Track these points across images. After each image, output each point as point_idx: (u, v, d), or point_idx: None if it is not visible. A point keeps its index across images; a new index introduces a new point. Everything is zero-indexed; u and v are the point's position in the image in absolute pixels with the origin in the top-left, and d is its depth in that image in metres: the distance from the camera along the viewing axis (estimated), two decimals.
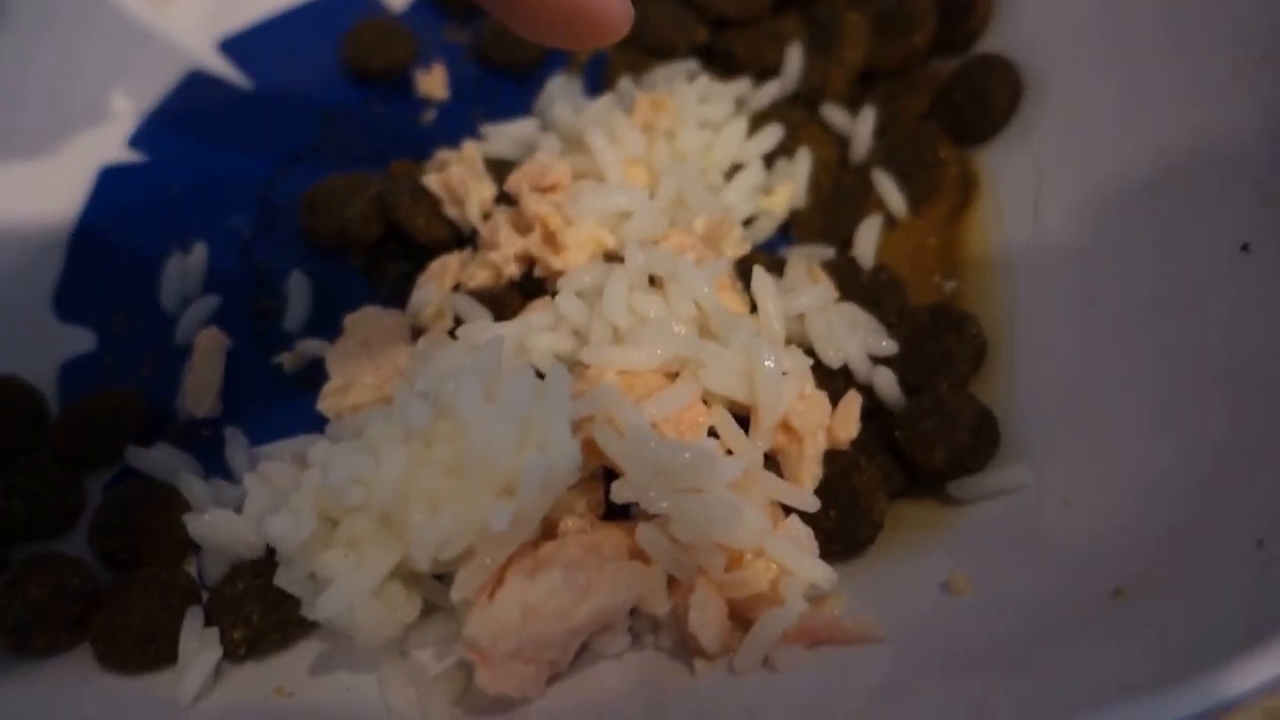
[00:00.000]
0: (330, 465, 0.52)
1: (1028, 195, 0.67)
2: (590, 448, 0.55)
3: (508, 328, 0.63)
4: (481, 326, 0.63)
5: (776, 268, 0.67)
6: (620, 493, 0.54)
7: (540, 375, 0.56)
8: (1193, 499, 0.49)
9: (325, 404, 0.66)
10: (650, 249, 0.63)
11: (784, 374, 0.59)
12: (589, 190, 0.66)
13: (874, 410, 0.63)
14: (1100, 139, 0.64)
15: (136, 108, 0.83)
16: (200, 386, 0.69)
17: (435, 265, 0.69)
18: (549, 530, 0.56)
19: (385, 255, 0.74)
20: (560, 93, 0.79)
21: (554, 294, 0.64)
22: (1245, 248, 0.53)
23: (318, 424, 0.65)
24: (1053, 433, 0.59)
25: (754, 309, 0.63)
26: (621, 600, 0.54)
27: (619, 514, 0.58)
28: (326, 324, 0.71)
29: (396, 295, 0.71)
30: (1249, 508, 0.46)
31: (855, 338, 0.63)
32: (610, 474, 0.57)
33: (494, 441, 0.51)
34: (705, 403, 0.59)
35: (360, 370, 0.66)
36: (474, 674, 0.52)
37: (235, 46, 0.86)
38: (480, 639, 0.51)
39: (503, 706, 0.54)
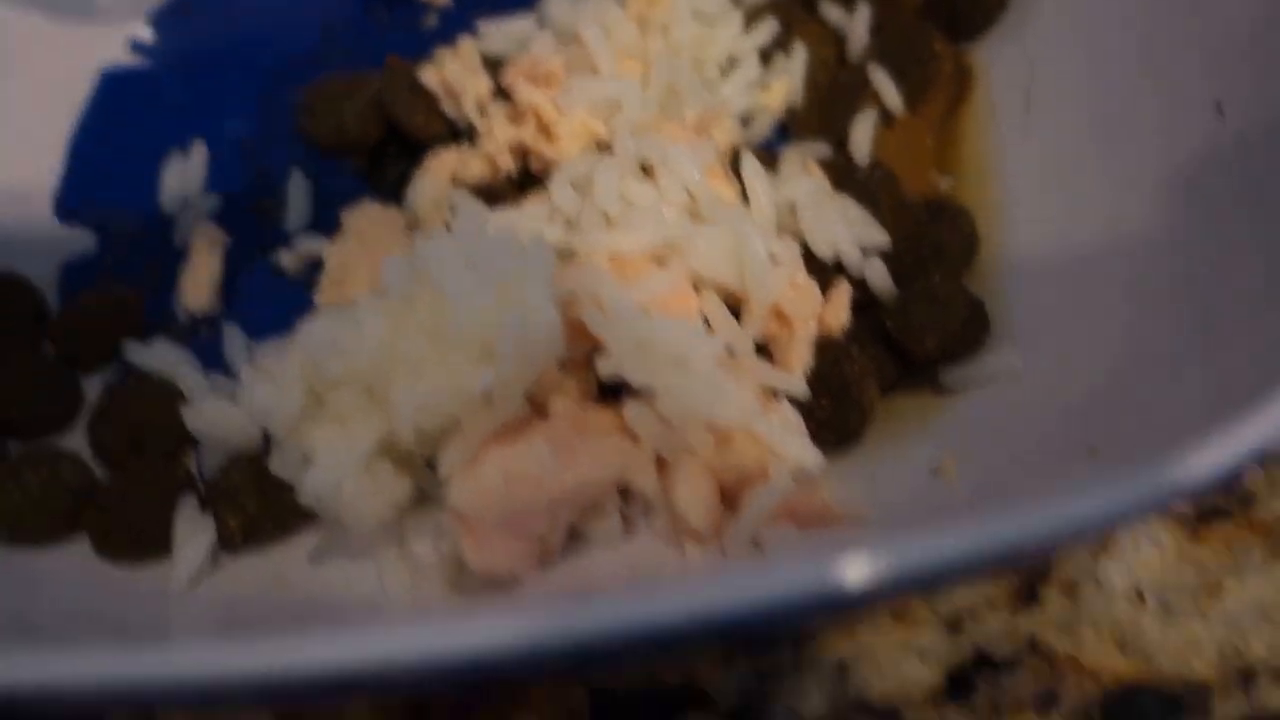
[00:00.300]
0: (312, 333, 0.53)
1: (1020, 88, 0.67)
2: (578, 329, 0.56)
3: (502, 217, 0.63)
4: (478, 212, 0.63)
5: (772, 164, 0.66)
6: (605, 367, 0.55)
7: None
8: (1161, 363, 0.50)
9: (322, 295, 0.66)
10: (640, 137, 0.63)
11: (774, 260, 0.60)
12: (581, 80, 0.67)
13: (866, 304, 0.63)
14: (1090, 26, 0.64)
15: (138, 11, 0.83)
16: (197, 280, 0.69)
17: (431, 160, 0.70)
18: (539, 413, 0.57)
19: (385, 156, 0.74)
20: None
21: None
22: (1219, 108, 0.54)
23: None
24: (1040, 318, 0.59)
25: (746, 199, 0.63)
26: (606, 473, 0.54)
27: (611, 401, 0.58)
28: (327, 224, 0.71)
29: (396, 196, 0.71)
30: (1211, 365, 0.46)
31: (847, 229, 0.63)
32: None
33: (473, 306, 0.52)
34: (696, 289, 0.60)
35: (357, 265, 0.67)
36: (462, 549, 0.53)
37: None
38: (463, 505, 0.52)
39: (495, 588, 0.55)
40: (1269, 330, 0.45)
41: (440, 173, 0.69)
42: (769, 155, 0.68)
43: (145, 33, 0.83)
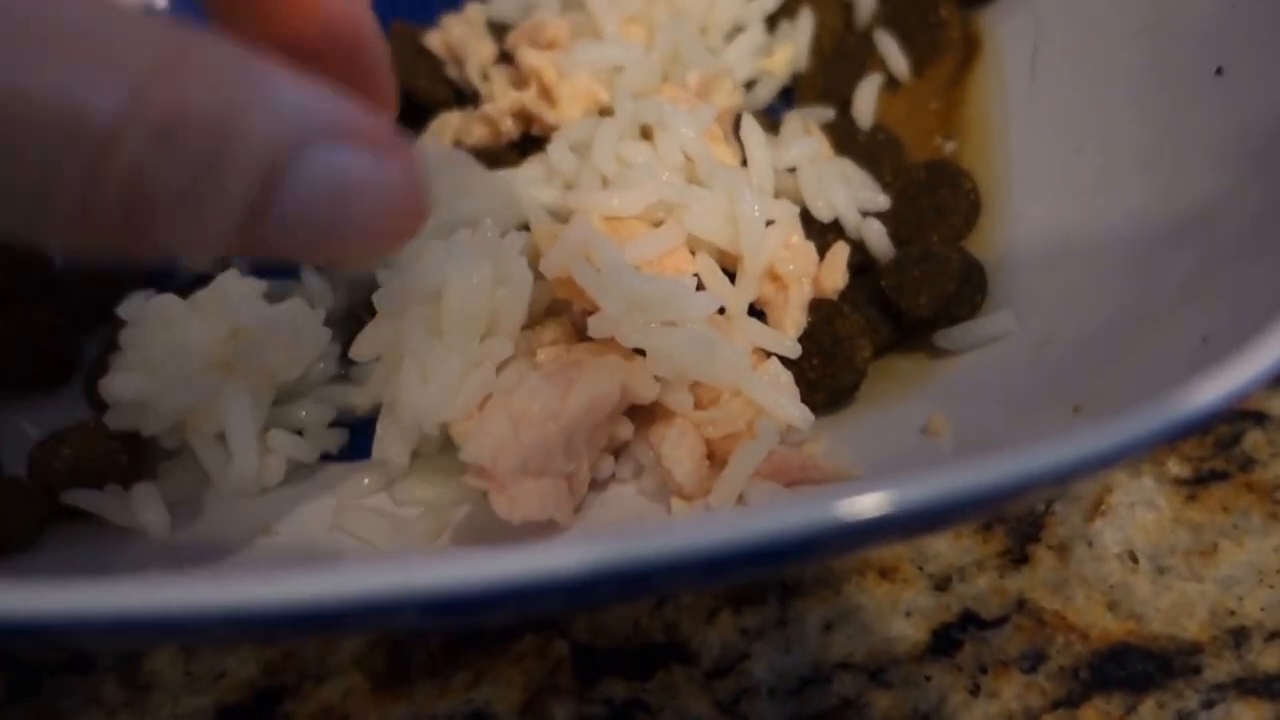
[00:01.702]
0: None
1: (1026, 53, 0.67)
2: (569, 286, 0.56)
3: (500, 177, 0.64)
4: (475, 174, 0.65)
5: (774, 129, 0.67)
6: (597, 327, 0.55)
7: None
8: (1146, 320, 0.50)
9: None
10: (640, 100, 0.64)
11: (770, 221, 0.60)
12: (584, 44, 0.68)
13: (864, 266, 0.63)
14: None
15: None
16: None
17: (435, 122, 0.71)
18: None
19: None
20: None
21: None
22: (1219, 71, 0.54)
23: None
24: (1037, 281, 0.59)
25: (746, 164, 0.64)
26: (608, 387, 0.54)
27: None
28: None
29: None
30: (1196, 322, 0.46)
31: (846, 191, 0.64)
32: None
33: (467, 290, 0.54)
34: (691, 251, 0.60)
35: None
36: (492, 504, 0.53)
37: None
38: (479, 457, 0.52)
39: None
40: (1255, 286, 0.45)
41: (443, 134, 0.70)
42: (772, 120, 0.68)
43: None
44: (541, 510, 0.53)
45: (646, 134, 0.64)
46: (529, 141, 0.70)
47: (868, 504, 0.34)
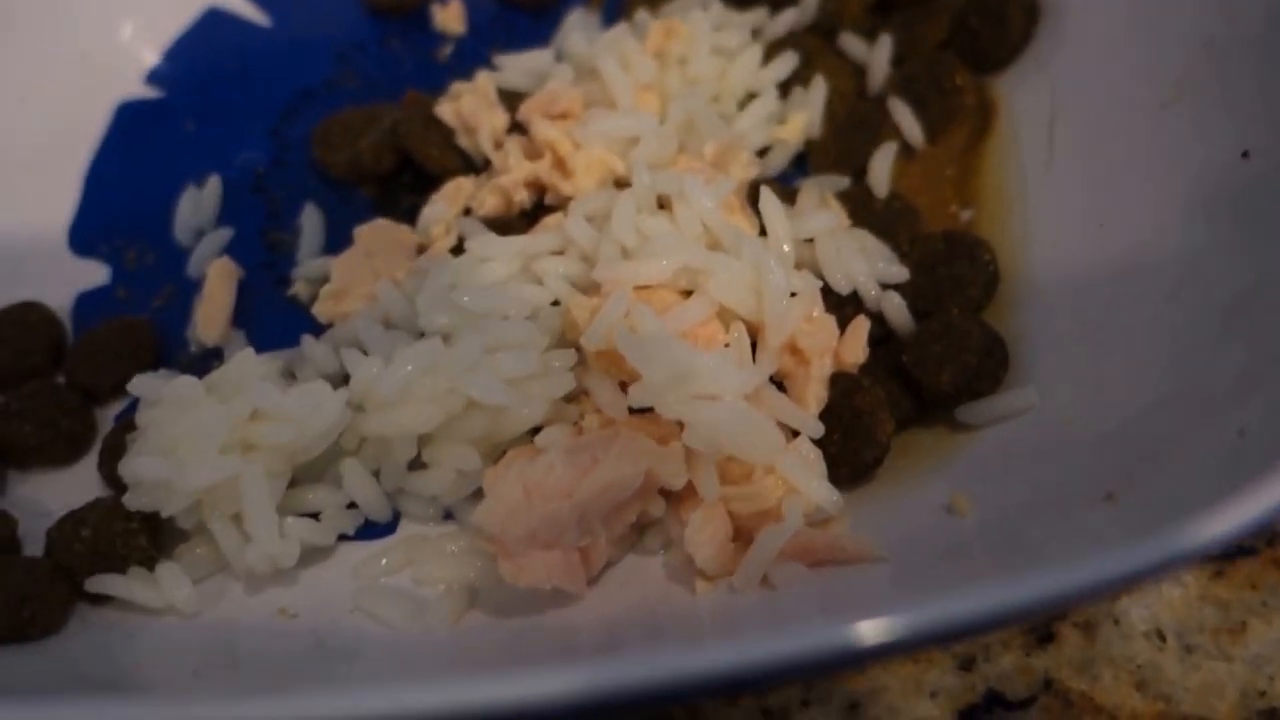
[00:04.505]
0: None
1: (1043, 121, 0.69)
2: (612, 358, 0.58)
3: (513, 244, 0.65)
4: (486, 240, 0.66)
5: (789, 197, 0.69)
6: (638, 396, 0.56)
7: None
8: (1184, 411, 0.51)
9: (320, 307, 0.70)
10: (657, 170, 0.65)
11: (792, 293, 0.61)
12: (598, 115, 0.69)
13: (884, 338, 0.65)
14: (1114, 60, 0.66)
15: (155, 44, 0.87)
16: (211, 314, 0.72)
17: (448, 186, 0.73)
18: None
19: (399, 186, 0.78)
20: (577, 25, 0.82)
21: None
22: (1245, 154, 0.55)
23: None
24: (1060, 355, 0.61)
25: (763, 233, 0.65)
26: (629, 471, 0.56)
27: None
28: (339, 253, 0.73)
29: (410, 224, 0.74)
30: (1233, 415, 0.48)
31: (865, 263, 0.65)
32: None
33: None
34: (722, 323, 0.62)
35: (360, 278, 0.70)
36: (499, 569, 0.55)
37: None
38: (489, 523, 0.54)
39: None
40: None
41: (455, 199, 0.72)
42: (787, 189, 0.70)
43: (162, 65, 0.86)
44: (548, 579, 0.55)
45: (663, 204, 0.65)
46: (541, 210, 0.72)
47: (885, 627, 0.36)
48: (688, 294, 0.62)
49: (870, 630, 0.37)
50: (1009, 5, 0.72)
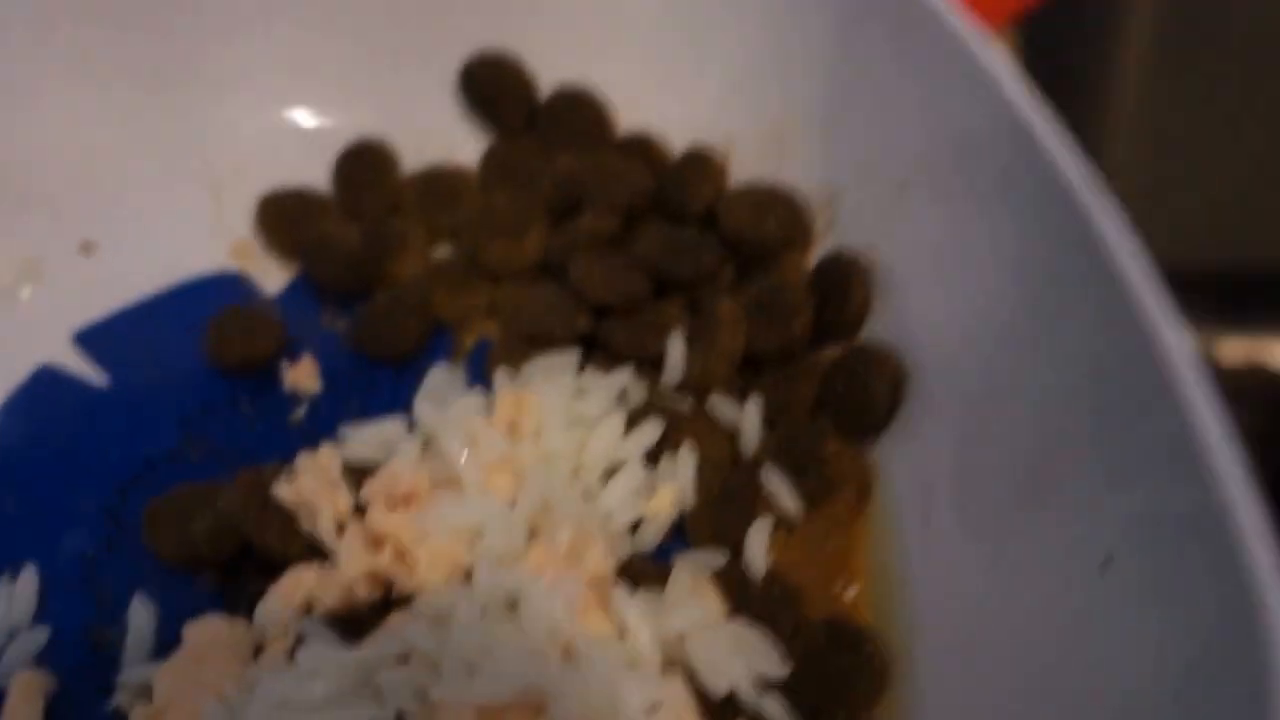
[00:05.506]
0: None
1: (918, 495, 0.66)
2: None
3: (346, 658, 0.60)
4: (316, 654, 0.60)
5: (661, 578, 0.64)
6: None
7: None
8: None
9: None
10: (502, 569, 0.61)
11: (654, 709, 0.57)
12: (441, 502, 0.65)
13: None
14: (985, 435, 0.62)
15: None
16: None
17: (286, 579, 0.66)
18: None
19: (241, 574, 0.71)
20: (434, 387, 0.77)
21: None
22: (1107, 561, 0.52)
23: None
24: None
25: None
26: None
27: None
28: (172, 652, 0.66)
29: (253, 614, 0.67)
30: None
31: (742, 661, 0.61)
32: None
33: None
34: None
35: (185, 691, 0.63)
36: None
37: (93, 339, 0.84)
38: None
39: None
40: None
41: (292, 594, 0.66)
42: (658, 568, 0.65)
43: None
44: None
45: (513, 605, 0.60)
46: (394, 601, 0.66)
47: None
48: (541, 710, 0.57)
49: None
50: (872, 375, 0.69)
